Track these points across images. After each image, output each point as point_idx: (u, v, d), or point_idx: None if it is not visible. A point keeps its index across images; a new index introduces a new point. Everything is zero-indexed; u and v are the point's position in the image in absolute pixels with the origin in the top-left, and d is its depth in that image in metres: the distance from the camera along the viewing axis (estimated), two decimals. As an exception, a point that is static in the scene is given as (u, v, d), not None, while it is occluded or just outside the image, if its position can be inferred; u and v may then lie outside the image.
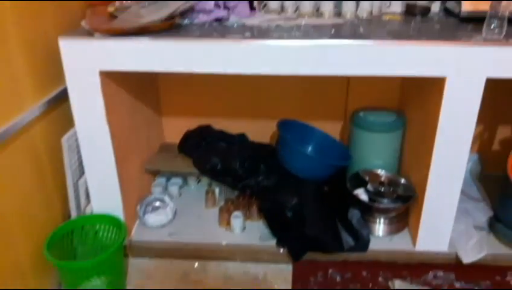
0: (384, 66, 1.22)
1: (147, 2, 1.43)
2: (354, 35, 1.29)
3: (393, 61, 1.21)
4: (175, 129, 1.87)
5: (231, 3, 1.38)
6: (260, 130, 1.88)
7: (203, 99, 1.87)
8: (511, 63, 1.18)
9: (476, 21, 1.33)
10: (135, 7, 1.41)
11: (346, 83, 1.79)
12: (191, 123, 1.84)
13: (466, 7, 1.37)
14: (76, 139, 1.38)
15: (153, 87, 1.83)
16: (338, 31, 1.32)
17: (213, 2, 1.35)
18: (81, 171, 1.46)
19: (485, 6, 1.27)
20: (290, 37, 1.23)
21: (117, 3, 1.43)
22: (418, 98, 1.52)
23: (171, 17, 1.31)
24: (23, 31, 1.23)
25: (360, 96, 1.79)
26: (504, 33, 1.20)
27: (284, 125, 1.65)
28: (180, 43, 1.22)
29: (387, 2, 1.58)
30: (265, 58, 1.22)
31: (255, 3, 1.52)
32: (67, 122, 1.37)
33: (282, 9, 1.53)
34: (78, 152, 1.41)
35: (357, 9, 1.47)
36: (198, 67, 1.24)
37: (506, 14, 1.18)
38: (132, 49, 1.23)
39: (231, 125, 1.86)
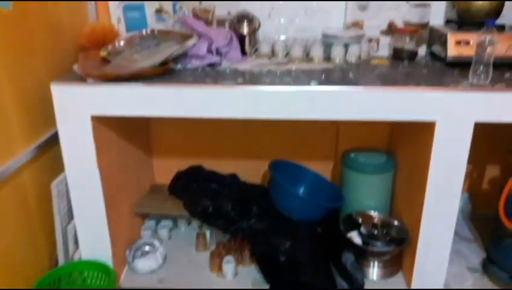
0: (374, 111, 1.23)
1: (139, 47, 1.45)
2: (344, 80, 1.31)
3: (383, 107, 1.23)
4: (166, 170, 1.84)
5: (224, 49, 1.40)
6: (251, 170, 1.87)
7: (194, 139, 1.87)
8: (497, 108, 1.20)
9: (461, 65, 1.37)
10: (128, 51, 1.43)
11: (336, 123, 1.81)
12: (182, 163, 1.82)
13: (452, 52, 1.42)
14: (66, 184, 1.35)
15: (145, 128, 1.83)
16: (328, 77, 1.34)
17: (206, 47, 1.37)
18: (70, 216, 1.43)
19: (470, 51, 1.31)
20: (281, 82, 1.25)
21: (110, 47, 1.44)
22: (408, 140, 1.54)
23: (164, 62, 1.32)
24: (14, 75, 1.22)
25: (350, 137, 1.80)
26: (490, 78, 1.23)
27: (276, 166, 1.65)
28: (174, 89, 1.22)
29: (375, 46, 1.63)
30: (258, 104, 1.23)
31: (247, 47, 1.55)
32: (57, 167, 1.35)
33: (273, 53, 1.56)
34: (68, 197, 1.39)
35: (345, 54, 1.50)
36: (192, 113, 1.25)
37: (491, 60, 1.22)
38: (125, 95, 1.23)
39: (222, 166, 1.85)
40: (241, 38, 1.52)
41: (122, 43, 1.47)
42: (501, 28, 1.44)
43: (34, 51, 1.31)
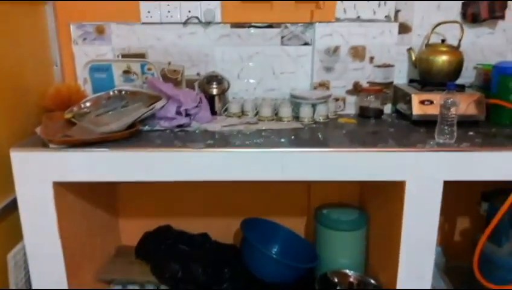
0: (343, 172, 1.24)
1: (106, 108, 1.41)
2: (313, 139, 1.32)
3: (353, 168, 1.23)
4: (132, 230, 1.78)
5: (193, 111, 1.39)
6: (223, 229, 1.82)
7: (162, 198, 1.82)
8: (465, 167, 1.23)
9: (427, 123, 1.41)
10: (94, 113, 1.39)
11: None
12: (150, 223, 1.76)
13: (416, 111, 1.45)
14: (24, 254, 1.27)
15: (110, 189, 1.76)
16: (297, 137, 1.34)
17: (175, 109, 1.35)
18: (27, 288, 1.33)
19: (434, 110, 1.35)
20: (252, 143, 1.25)
21: (75, 108, 1.40)
22: (379, 197, 1.54)
23: (132, 124, 1.29)
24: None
25: (321, 193, 1.79)
26: (455, 137, 1.26)
27: (248, 225, 1.61)
28: (141, 154, 1.19)
29: (342, 105, 1.66)
30: (228, 167, 1.21)
31: (216, 107, 1.55)
32: (14, 236, 1.27)
33: (243, 113, 1.56)
34: (26, 268, 1.29)
35: (314, 114, 1.52)
36: (161, 177, 1.21)
37: (455, 120, 1.25)
38: (90, 160, 1.19)
39: (193, 224, 1.80)
40: (211, 98, 1.52)
41: (88, 104, 1.43)
42: (461, 88, 1.50)
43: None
